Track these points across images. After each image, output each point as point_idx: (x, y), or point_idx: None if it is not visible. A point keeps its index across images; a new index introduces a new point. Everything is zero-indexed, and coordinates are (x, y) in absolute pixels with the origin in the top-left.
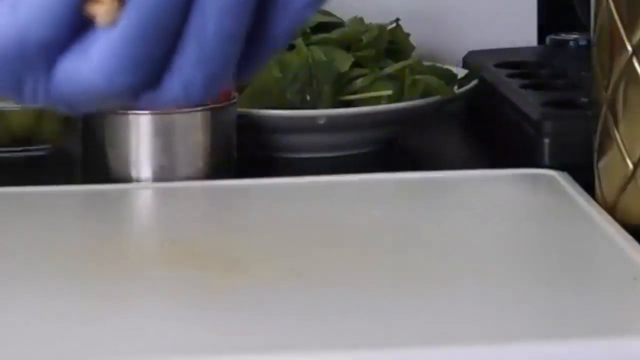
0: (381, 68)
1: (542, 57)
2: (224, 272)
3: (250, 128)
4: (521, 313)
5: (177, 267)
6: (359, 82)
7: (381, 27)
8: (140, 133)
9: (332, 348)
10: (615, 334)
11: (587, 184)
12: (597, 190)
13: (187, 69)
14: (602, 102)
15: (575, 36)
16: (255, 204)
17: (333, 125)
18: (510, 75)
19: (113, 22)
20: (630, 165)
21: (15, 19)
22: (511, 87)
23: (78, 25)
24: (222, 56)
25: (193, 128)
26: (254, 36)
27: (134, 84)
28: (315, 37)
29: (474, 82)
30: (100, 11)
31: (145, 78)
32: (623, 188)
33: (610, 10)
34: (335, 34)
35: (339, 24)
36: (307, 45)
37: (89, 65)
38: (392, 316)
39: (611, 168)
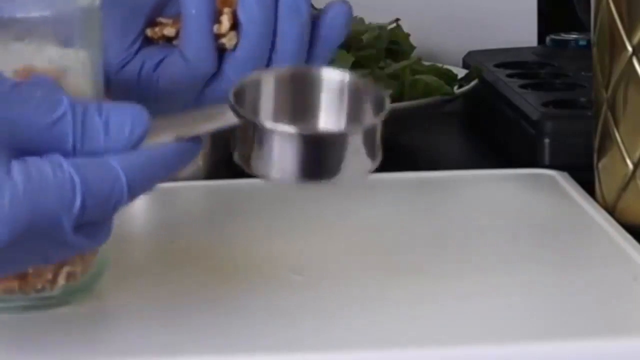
0: (381, 68)
1: (542, 57)
2: (224, 272)
3: None
4: (521, 313)
5: (177, 267)
6: None
7: (381, 27)
8: None
9: (333, 348)
10: (615, 334)
11: (587, 184)
12: (597, 190)
13: None
14: (602, 102)
15: (575, 36)
16: (255, 204)
17: None
18: (510, 75)
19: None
20: (630, 165)
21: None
22: (511, 87)
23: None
24: None
25: None
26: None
27: None
28: None
29: (474, 82)
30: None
31: None
32: (623, 188)
33: (610, 10)
34: None
35: None
36: None
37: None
38: (392, 316)
39: (611, 168)
